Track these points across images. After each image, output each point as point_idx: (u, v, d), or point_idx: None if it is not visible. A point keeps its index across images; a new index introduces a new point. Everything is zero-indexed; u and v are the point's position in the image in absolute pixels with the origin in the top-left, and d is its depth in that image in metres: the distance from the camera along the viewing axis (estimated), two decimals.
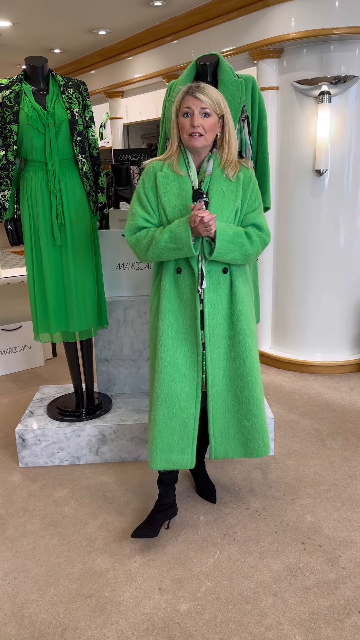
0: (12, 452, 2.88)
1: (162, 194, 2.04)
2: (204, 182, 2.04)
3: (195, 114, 1.96)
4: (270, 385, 3.69)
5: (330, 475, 2.60)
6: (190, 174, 2.05)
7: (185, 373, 2.10)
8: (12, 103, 2.43)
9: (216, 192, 2.03)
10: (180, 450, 2.12)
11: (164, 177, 2.06)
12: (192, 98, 1.96)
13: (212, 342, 2.09)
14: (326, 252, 3.69)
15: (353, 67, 3.39)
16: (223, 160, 2.06)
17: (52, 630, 1.79)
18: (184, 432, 2.11)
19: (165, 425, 2.11)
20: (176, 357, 2.09)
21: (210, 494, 2.43)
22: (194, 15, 4.00)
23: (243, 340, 2.11)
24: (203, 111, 1.96)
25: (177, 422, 2.11)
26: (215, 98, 1.99)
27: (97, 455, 2.75)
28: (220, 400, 2.13)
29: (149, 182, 2.09)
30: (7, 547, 2.18)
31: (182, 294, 2.09)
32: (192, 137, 1.97)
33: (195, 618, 1.82)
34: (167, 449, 2.12)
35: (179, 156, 2.07)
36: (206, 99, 1.96)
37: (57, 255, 2.59)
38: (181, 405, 2.10)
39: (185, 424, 2.11)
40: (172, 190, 2.04)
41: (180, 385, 2.09)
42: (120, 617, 1.83)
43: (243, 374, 2.12)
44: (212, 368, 2.10)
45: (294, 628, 1.77)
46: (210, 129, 1.99)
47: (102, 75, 5.50)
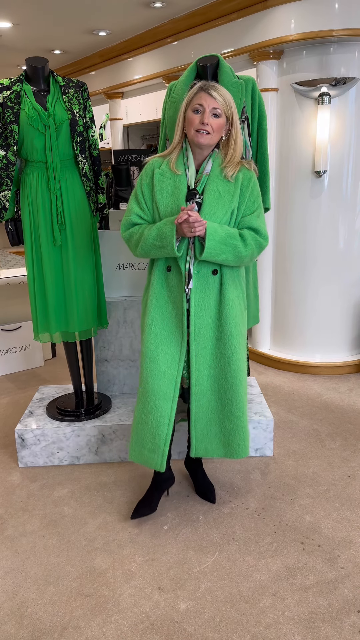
0: (12, 452, 2.88)
1: (157, 192, 2.06)
2: (200, 181, 2.05)
3: (207, 111, 1.97)
4: (269, 385, 3.69)
5: (329, 476, 2.61)
6: (188, 173, 2.06)
7: (165, 371, 2.10)
8: (13, 103, 2.44)
9: (211, 192, 2.03)
10: (150, 449, 2.16)
11: (160, 174, 2.07)
12: (206, 95, 1.96)
13: (198, 342, 2.10)
14: (325, 253, 3.70)
15: (352, 68, 3.40)
16: (226, 161, 2.05)
17: (51, 630, 1.79)
18: (157, 432, 2.12)
19: (141, 420, 2.15)
20: (157, 354, 2.11)
21: (210, 493, 2.44)
22: (194, 16, 4.01)
23: (230, 343, 2.11)
24: (214, 111, 1.97)
25: (151, 419, 2.13)
26: (228, 100, 2.00)
27: (96, 455, 2.76)
28: (204, 400, 2.16)
29: (146, 179, 2.11)
30: (7, 547, 2.18)
31: (171, 291, 2.11)
32: (199, 133, 1.98)
33: (194, 617, 1.82)
34: (140, 444, 2.18)
35: (179, 153, 2.07)
36: (220, 98, 1.97)
37: (57, 256, 2.59)
38: (156, 403, 2.11)
39: (159, 423, 2.12)
40: (167, 189, 2.05)
41: (158, 382, 2.10)
42: (119, 616, 1.84)
43: (228, 375, 2.13)
44: (197, 367, 2.12)
45: (293, 627, 1.78)
46: (217, 129, 2.00)
47: (102, 77, 5.51)
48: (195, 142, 2.01)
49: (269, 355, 4.02)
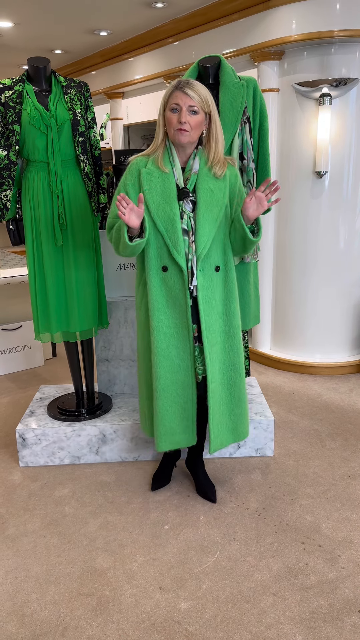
0: (13, 451, 2.89)
1: (146, 191, 2.07)
2: (189, 180, 2.07)
3: (183, 110, 1.99)
4: (269, 386, 3.70)
5: (330, 476, 2.61)
6: (175, 172, 2.08)
7: (179, 364, 2.21)
8: (15, 103, 2.44)
9: (204, 191, 2.07)
10: (182, 431, 2.29)
11: (148, 173, 2.08)
12: (181, 94, 1.99)
13: (210, 339, 2.15)
14: (326, 253, 3.70)
15: (353, 69, 3.40)
16: (210, 159, 2.09)
17: (52, 629, 1.79)
18: (184, 415, 2.26)
19: (167, 412, 2.24)
20: (170, 351, 2.19)
21: (210, 493, 2.44)
22: (195, 16, 4.01)
23: (237, 335, 2.23)
24: (191, 108, 1.99)
25: (176, 407, 2.25)
26: (204, 96, 2.01)
27: (97, 455, 2.76)
28: (217, 395, 2.23)
29: (130, 179, 2.12)
30: (8, 546, 2.18)
31: (171, 290, 2.15)
32: (179, 132, 2.00)
33: (195, 617, 1.83)
34: (170, 433, 2.27)
35: (164, 152, 2.09)
36: (195, 95, 1.99)
37: (59, 255, 2.60)
38: (178, 392, 2.23)
39: (184, 408, 2.25)
40: (156, 187, 2.07)
41: (176, 375, 2.21)
42: (120, 615, 1.84)
43: (236, 366, 2.25)
44: (211, 364, 2.16)
45: (294, 627, 1.78)
46: (196, 126, 2.02)
47: (103, 76, 5.51)
48: (177, 141, 2.04)
49: (269, 356, 4.02)
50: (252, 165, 2.58)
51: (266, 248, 3.90)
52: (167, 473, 2.56)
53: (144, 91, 5.16)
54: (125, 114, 5.50)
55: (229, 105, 2.47)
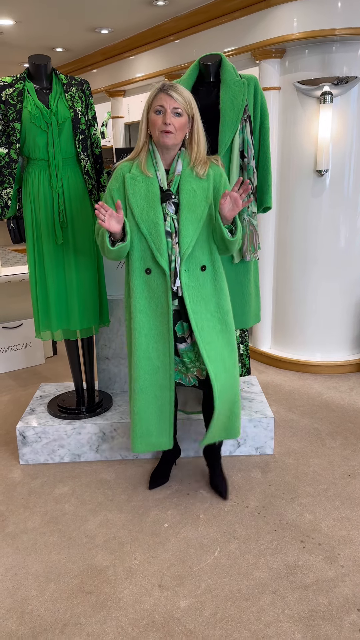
0: (13, 449, 2.89)
1: (130, 195, 2.10)
2: (173, 182, 2.09)
3: (168, 112, 2.01)
4: (269, 384, 3.70)
5: (330, 474, 2.61)
6: (159, 175, 2.11)
7: (159, 366, 2.23)
8: (16, 101, 2.44)
9: (187, 191, 2.09)
10: (158, 434, 2.31)
11: (132, 178, 2.11)
12: (165, 96, 2.01)
13: (203, 337, 2.16)
14: (326, 252, 3.70)
15: (355, 67, 3.40)
16: (192, 159, 2.11)
17: (52, 626, 1.80)
18: (161, 417, 2.28)
19: (144, 412, 2.26)
20: (149, 352, 2.21)
21: (222, 489, 2.46)
22: (197, 14, 4.00)
23: (231, 332, 2.25)
24: (175, 110, 2.02)
25: (154, 408, 2.27)
26: (187, 98, 2.04)
27: (97, 453, 2.76)
28: (224, 394, 2.22)
29: (115, 184, 2.15)
30: (8, 544, 2.19)
31: (153, 293, 2.17)
32: (164, 134, 2.02)
33: (194, 615, 1.83)
34: (146, 434, 2.30)
35: (147, 156, 2.11)
36: (179, 98, 2.01)
37: (59, 254, 2.60)
38: (156, 393, 2.25)
39: (162, 410, 2.27)
40: (140, 192, 2.09)
41: (155, 376, 2.23)
42: (120, 613, 1.84)
43: (234, 362, 2.27)
44: (212, 363, 2.17)
45: (293, 625, 1.78)
46: (180, 128, 2.04)
47: (104, 74, 5.50)
48: (162, 143, 2.06)
49: (269, 354, 4.02)
50: (253, 163, 2.58)
51: (267, 246, 3.90)
52: (166, 471, 2.56)
53: (145, 89, 5.16)
54: (127, 112, 5.50)
55: (229, 103, 2.47)
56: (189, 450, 2.77)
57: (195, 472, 2.64)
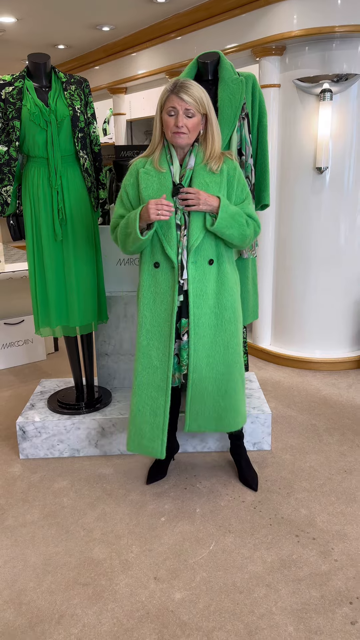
0: (13, 444, 2.93)
1: (143, 189, 2.12)
2: (185, 176, 2.11)
3: (180, 114, 2.02)
4: (269, 381, 3.72)
5: (326, 470, 2.64)
6: (172, 169, 2.12)
7: (157, 365, 2.23)
8: (15, 99, 2.46)
9: (199, 185, 2.11)
10: (150, 439, 2.29)
11: (145, 173, 2.14)
12: (177, 98, 2.02)
13: (197, 332, 2.18)
14: (326, 249, 3.71)
15: (355, 65, 3.40)
16: (207, 156, 2.12)
17: (49, 617, 1.83)
18: (154, 422, 2.26)
19: (138, 412, 2.27)
20: (149, 349, 2.23)
21: (252, 481, 2.49)
22: (198, 12, 4.01)
23: (228, 329, 2.23)
24: (187, 112, 2.03)
25: (148, 410, 2.26)
26: (199, 98, 2.04)
27: (96, 448, 2.80)
28: (201, 387, 2.24)
29: (130, 180, 2.18)
30: (7, 536, 2.22)
31: (159, 287, 2.18)
32: (176, 135, 2.04)
33: (189, 607, 1.86)
34: (139, 435, 2.30)
35: (162, 152, 2.14)
36: (190, 100, 2.01)
37: (58, 250, 2.62)
38: (152, 394, 2.25)
39: (155, 413, 2.25)
40: (152, 186, 2.12)
41: (152, 376, 2.24)
42: (115, 604, 1.87)
43: (225, 360, 2.24)
44: (195, 356, 2.20)
45: (286, 617, 1.81)
46: (193, 128, 2.06)
47: (106, 71, 5.52)
48: (175, 144, 2.08)
49: (269, 351, 4.04)
50: (251, 161, 2.60)
51: (266, 244, 3.91)
52: (164, 467, 2.59)
53: (146, 86, 5.17)
54: (128, 109, 5.51)
55: (227, 101, 2.48)
56: (187, 446, 2.80)
57: (193, 467, 2.67)
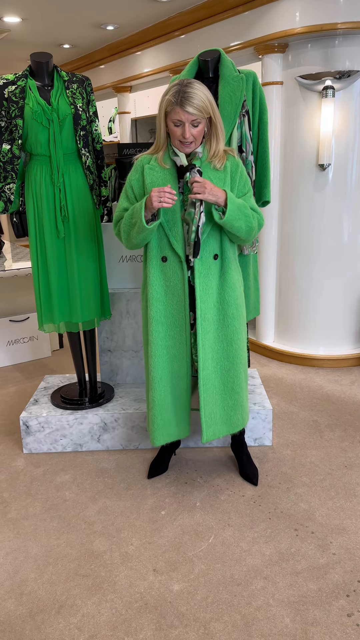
0: (17, 438, 2.96)
1: (149, 184, 2.16)
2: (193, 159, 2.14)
3: (186, 126, 2.04)
4: (271, 377, 3.73)
5: (327, 465, 2.65)
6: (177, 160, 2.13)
7: (175, 354, 2.27)
8: (18, 98, 2.49)
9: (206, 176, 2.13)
10: (177, 423, 2.35)
11: (150, 168, 2.17)
12: (182, 111, 2.01)
13: (204, 326, 2.20)
14: (329, 246, 3.72)
15: (357, 61, 3.40)
16: (210, 154, 2.15)
17: (49, 607, 1.86)
18: (179, 406, 2.33)
19: (163, 402, 2.31)
20: (166, 340, 2.26)
21: (252, 476, 2.52)
22: (201, 10, 4.02)
23: (232, 324, 2.25)
24: (193, 122, 2.04)
25: (172, 397, 2.31)
26: (204, 105, 2.03)
27: (98, 443, 2.83)
28: (210, 383, 2.27)
29: (135, 175, 2.22)
30: (9, 529, 2.26)
31: (169, 281, 2.21)
32: (183, 144, 2.09)
33: (187, 598, 1.88)
34: (166, 425, 2.34)
35: (165, 152, 2.17)
36: (196, 111, 2.01)
37: (61, 248, 2.65)
38: (174, 382, 2.29)
39: (179, 400, 2.32)
40: (158, 181, 2.15)
41: (172, 365, 2.28)
42: (115, 595, 1.90)
43: (229, 355, 2.27)
44: (203, 352, 2.22)
45: (282, 609, 1.83)
46: (199, 135, 2.09)
47: (111, 70, 5.54)
48: (182, 151, 2.11)
49: (272, 348, 4.05)
50: (251, 158, 2.61)
51: (270, 241, 3.92)
52: (165, 461, 2.61)
53: (151, 85, 5.19)
54: (133, 108, 5.54)
55: (227, 98, 2.50)
56: (188, 441, 2.82)
57: (194, 462, 2.69)
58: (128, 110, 5.58)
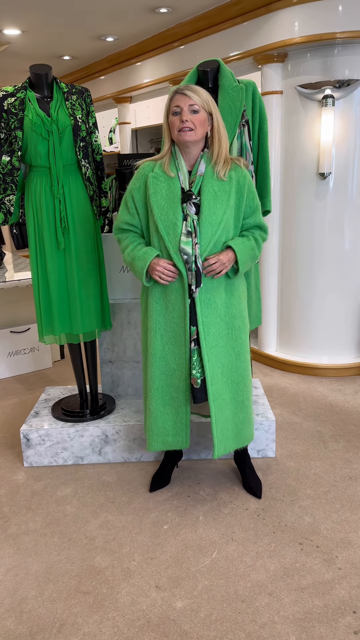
0: (18, 451, 2.93)
1: (152, 195, 2.11)
2: (195, 182, 2.09)
3: (184, 110, 2.03)
4: (274, 387, 3.70)
5: (331, 477, 2.61)
6: (181, 176, 2.11)
7: (175, 368, 2.24)
8: (17, 110, 2.49)
9: (208, 193, 2.09)
10: (174, 433, 2.33)
11: (154, 177, 2.13)
12: (180, 96, 2.04)
13: (208, 342, 2.17)
14: (331, 254, 3.70)
15: (356, 70, 3.40)
16: (214, 157, 2.11)
17: (49, 626, 1.83)
18: (177, 418, 2.30)
19: (160, 413, 2.29)
20: (165, 353, 2.24)
21: (256, 488, 2.48)
22: (200, 21, 4.04)
23: (239, 337, 2.24)
24: (192, 108, 2.04)
25: (170, 409, 2.29)
26: (204, 96, 2.07)
27: (100, 456, 2.79)
28: (220, 399, 2.23)
29: (137, 183, 2.18)
30: (10, 544, 2.22)
31: (170, 294, 2.19)
32: (183, 132, 2.04)
33: (190, 615, 1.84)
34: (162, 433, 2.33)
35: (171, 158, 2.13)
36: (195, 96, 2.04)
37: (61, 259, 2.64)
38: (172, 395, 2.27)
39: (177, 411, 2.29)
40: (161, 192, 2.10)
41: (171, 378, 2.26)
42: (116, 613, 1.86)
43: (238, 368, 2.25)
44: (210, 367, 2.18)
45: (288, 627, 1.79)
46: (200, 123, 2.05)
47: (111, 81, 5.57)
48: (182, 142, 2.07)
49: (275, 357, 4.02)
50: (251, 167, 2.60)
51: (271, 250, 3.91)
52: (167, 474, 2.58)
53: (151, 95, 5.21)
54: (133, 118, 5.55)
55: (227, 108, 2.49)
56: (190, 453, 2.79)
57: (197, 475, 2.66)
58: (128, 120, 5.59)
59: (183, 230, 2.08)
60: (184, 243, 2.08)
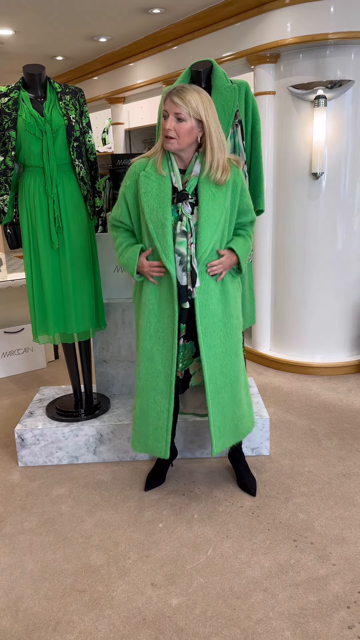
0: (12, 451, 2.93)
1: (142, 195, 2.10)
2: (189, 182, 2.09)
3: (170, 117, 2.00)
4: (268, 386, 3.72)
5: (325, 474, 2.63)
6: (173, 176, 2.09)
7: (161, 370, 2.22)
8: (11, 110, 2.49)
9: (206, 194, 2.08)
10: (155, 439, 2.30)
11: (145, 176, 2.11)
12: (169, 101, 2.01)
13: (207, 342, 2.17)
14: (324, 254, 3.72)
15: (348, 71, 3.43)
16: (208, 166, 2.07)
17: (45, 624, 1.83)
18: (158, 423, 2.27)
19: (143, 414, 2.29)
20: (153, 354, 2.22)
21: (250, 486, 2.49)
22: (193, 21, 4.05)
23: (235, 335, 2.25)
24: (177, 116, 2.00)
25: (152, 413, 2.27)
26: (192, 103, 1.98)
27: (94, 455, 2.80)
28: (218, 397, 2.24)
29: (128, 181, 2.18)
30: (5, 544, 2.22)
31: (162, 294, 2.18)
32: (166, 139, 2.03)
33: (185, 612, 1.85)
34: (144, 435, 2.32)
35: (163, 155, 2.11)
36: (181, 103, 1.97)
37: (55, 258, 2.64)
38: (155, 398, 2.25)
39: (159, 417, 2.26)
40: (152, 191, 2.09)
41: (156, 380, 2.24)
42: (112, 611, 1.87)
43: (235, 366, 2.26)
44: (209, 366, 2.19)
45: (283, 622, 1.80)
46: (184, 133, 2.00)
47: (104, 82, 5.57)
48: (165, 148, 2.06)
49: (268, 356, 4.04)
50: (245, 167, 2.61)
51: (264, 249, 3.92)
52: (162, 473, 2.59)
53: (144, 96, 5.21)
54: (127, 119, 5.56)
55: (220, 108, 2.50)
56: (185, 452, 2.80)
57: (192, 473, 2.67)
58: (122, 121, 5.60)
59: (177, 230, 2.07)
60: (178, 243, 2.07)
